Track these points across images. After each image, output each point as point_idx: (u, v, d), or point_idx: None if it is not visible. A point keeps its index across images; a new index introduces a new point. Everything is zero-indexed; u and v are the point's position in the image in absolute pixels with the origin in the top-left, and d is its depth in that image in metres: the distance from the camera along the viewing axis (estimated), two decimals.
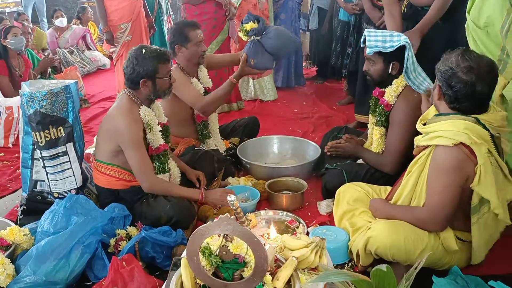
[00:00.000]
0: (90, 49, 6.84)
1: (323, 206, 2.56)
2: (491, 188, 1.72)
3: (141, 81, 2.27)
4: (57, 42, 6.49)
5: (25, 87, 2.37)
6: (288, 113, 4.51)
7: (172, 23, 8.28)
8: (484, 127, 1.77)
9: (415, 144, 1.96)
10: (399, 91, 2.42)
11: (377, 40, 2.35)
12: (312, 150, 3.14)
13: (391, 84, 2.45)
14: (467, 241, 1.87)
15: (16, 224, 2.29)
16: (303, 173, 2.89)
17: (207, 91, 3.01)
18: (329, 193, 2.58)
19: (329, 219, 2.45)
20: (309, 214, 2.57)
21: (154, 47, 2.34)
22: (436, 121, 1.85)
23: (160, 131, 2.38)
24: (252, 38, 2.73)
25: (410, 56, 2.34)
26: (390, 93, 2.44)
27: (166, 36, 6.25)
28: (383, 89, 2.50)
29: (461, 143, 1.72)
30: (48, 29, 7.77)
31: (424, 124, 1.94)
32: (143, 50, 2.27)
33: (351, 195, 2.23)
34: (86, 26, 7.08)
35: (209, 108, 2.90)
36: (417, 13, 2.80)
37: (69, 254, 1.94)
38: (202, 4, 4.14)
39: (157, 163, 2.38)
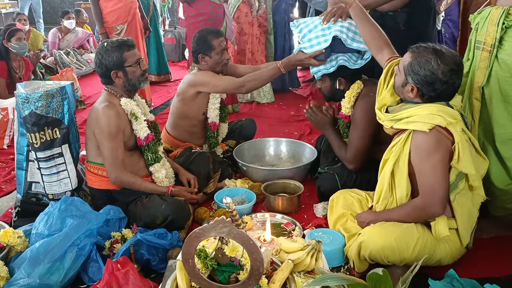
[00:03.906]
0: (92, 52, 6.80)
1: (319, 209, 2.56)
2: (469, 163, 1.81)
3: (111, 73, 2.29)
4: (58, 43, 6.46)
5: (21, 88, 2.36)
6: (285, 116, 4.51)
7: (167, 25, 8.29)
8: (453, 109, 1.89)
9: (384, 127, 2.01)
10: (353, 101, 2.52)
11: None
12: (308, 153, 3.14)
13: (344, 97, 2.55)
14: (453, 228, 1.90)
15: (10, 226, 2.27)
16: (300, 175, 2.89)
17: (221, 102, 3.01)
18: (324, 196, 2.59)
19: (325, 222, 2.44)
20: (305, 216, 2.57)
21: (116, 38, 2.37)
22: (406, 108, 1.91)
23: (148, 127, 2.39)
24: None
25: (354, 62, 2.47)
26: (345, 106, 2.56)
27: (162, 37, 6.25)
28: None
29: (438, 125, 1.78)
30: (43, 30, 7.74)
31: (387, 111, 1.99)
32: (105, 44, 2.31)
33: (345, 201, 2.25)
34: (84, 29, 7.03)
35: (249, 84, 2.81)
36: (381, 17, 2.83)
37: (64, 256, 1.93)
38: (198, 4, 4.11)
39: (149, 155, 2.39)
